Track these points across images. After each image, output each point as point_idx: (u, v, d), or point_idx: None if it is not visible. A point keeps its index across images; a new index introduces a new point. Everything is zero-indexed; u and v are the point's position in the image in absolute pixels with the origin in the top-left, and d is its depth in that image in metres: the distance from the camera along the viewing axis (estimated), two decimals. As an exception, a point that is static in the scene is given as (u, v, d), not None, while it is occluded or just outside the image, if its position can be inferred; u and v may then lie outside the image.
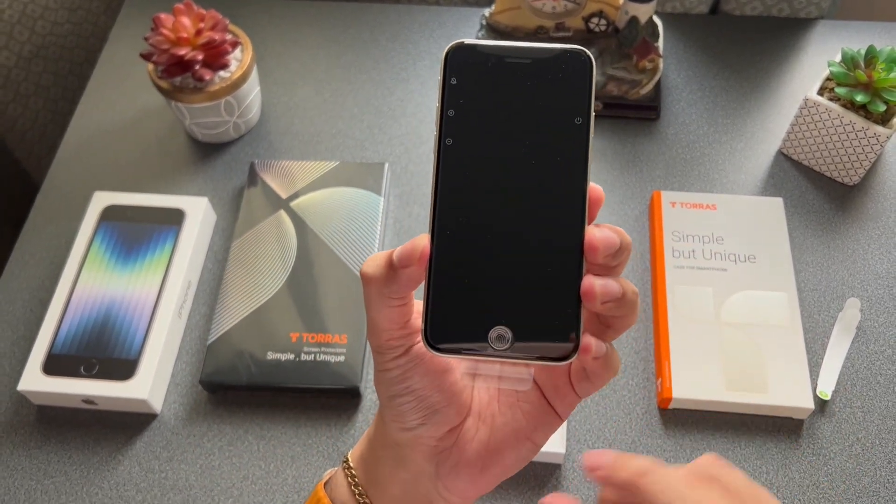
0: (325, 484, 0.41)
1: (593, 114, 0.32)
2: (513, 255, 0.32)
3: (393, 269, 0.32)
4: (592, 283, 0.31)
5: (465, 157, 0.32)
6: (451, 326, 0.32)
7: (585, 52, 0.32)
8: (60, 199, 0.76)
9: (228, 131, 0.77)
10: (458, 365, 0.36)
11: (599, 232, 0.31)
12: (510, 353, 0.31)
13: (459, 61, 0.32)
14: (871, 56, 0.68)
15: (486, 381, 0.34)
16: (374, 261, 0.33)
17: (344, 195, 0.72)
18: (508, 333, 0.31)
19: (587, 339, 0.31)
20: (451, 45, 0.33)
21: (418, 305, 0.35)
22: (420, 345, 0.34)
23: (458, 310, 0.32)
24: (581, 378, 0.34)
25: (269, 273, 0.67)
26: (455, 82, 0.32)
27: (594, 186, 0.32)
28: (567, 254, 0.31)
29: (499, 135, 0.32)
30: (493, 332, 0.31)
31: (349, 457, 0.40)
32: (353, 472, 0.39)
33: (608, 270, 0.32)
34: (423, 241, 0.32)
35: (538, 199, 0.32)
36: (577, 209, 0.31)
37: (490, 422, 0.36)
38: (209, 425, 0.63)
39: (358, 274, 0.67)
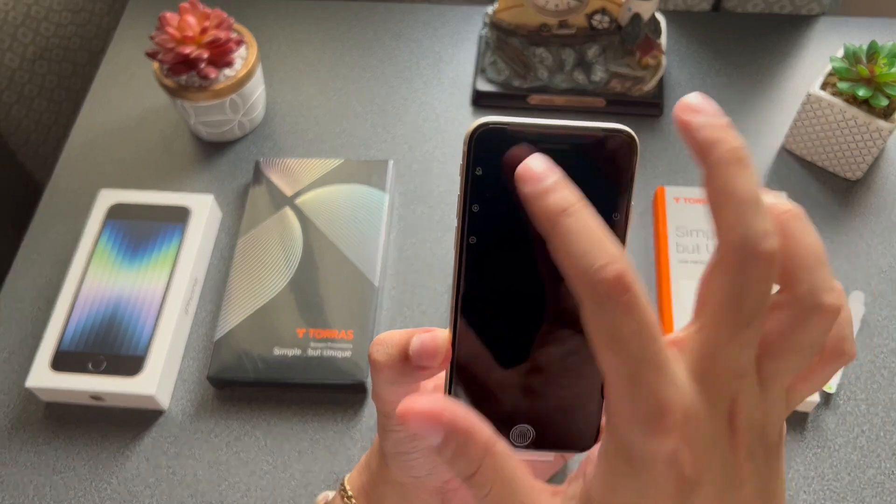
0: None
1: (633, 204, 0.29)
2: (536, 352, 0.30)
3: (408, 363, 0.30)
4: None
5: (490, 257, 0.29)
6: None
7: (631, 135, 0.28)
8: (66, 197, 0.76)
9: (233, 129, 0.78)
10: None
11: None
12: (531, 448, 0.31)
13: (485, 148, 0.28)
14: (873, 51, 0.69)
15: None
16: (385, 347, 0.30)
17: (348, 192, 0.72)
18: (530, 431, 0.31)
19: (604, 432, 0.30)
20: (475, 125, 0.28)
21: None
22: None
23: (480, 409, 0.30)
24: None
25: (275, 270, 0.68)
26: (480, 173, 0.28)
27: None
28: (591, 351, 0.30)
29: (525, 232, 0.29)
30: (515, 430, 0.30)
31: (347, 485, 0.39)
32: (354, 501, 0.39)
33: None
34: (445, 343, 0.29)
35: (563, 300, 0.29)
36: None
37: None
38: (216, 421, 0.63)
39: (363, 271, 0.67)
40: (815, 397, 0.61)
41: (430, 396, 0.26)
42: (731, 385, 0.24)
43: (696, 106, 0.24)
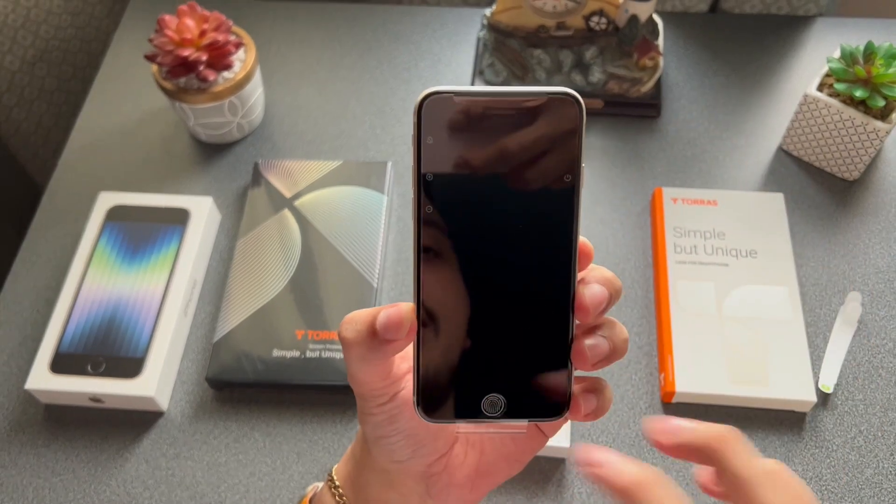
0: (310, 500, 0.41)
1: (583, 167, 0.30)
2: (502, 321, 0.31)
3: (376, 337, 0.31)
4: (583, 348, 0.31)
5: (447, 224, 0.30)
6: (443, 397, 0.31)
7: (574, 97, 0.29)
8: (66, 199, 0.76)
9: (232, 132, 0.78)
10: None
11: (588, 291, 0.30)
12: (503, 417, 0.31)
13: (434, 115, 0.29)
14: (869, 52, 0.69)
15: (482, 433, 0.33)
16: (353, 325, 0.31)
17: (347, 194, 0.72)
18: (501, 400, 0.31)
19: (577, 401, 0.31)
20: (422, 95, 0.29)
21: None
22: (406, 391, 0.34)
23: (450, 380, 0.31)
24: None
25: (274, 271, 0.68)
26: (431, 141, 0.29)
27: (583, 242, 0.31)
28: (557, 317, 0.31)
29: (481, 197, 0.30)
30: (486, 400, 0.31)
31: (335, 474, 0.40)
32: (341, 490, 0.39)
33: (599, 317, 0.32)
34: (409, 314, 0.30)
35: (526, 264, 0.30)
36: (565, 271, 0.30)
37: (479, 447, 0.37)
38: (215, 422, 0.63)
39: (362, 272, 0.67)
40: (813, 397, 0.61)
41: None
42: None
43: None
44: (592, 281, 0.31)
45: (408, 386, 0.34)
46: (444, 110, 0.29)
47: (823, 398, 0.63)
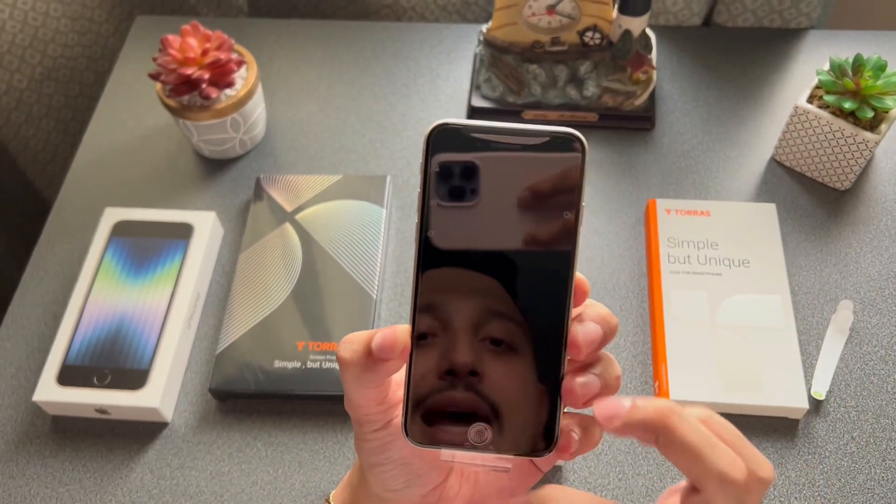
0: None
1: (583, 205, 0.30)
2: (492, 349, 0.31)
3: (371, 357, 0.31)
4: (573, 385, 0.31)
5: (447, 250, 0.31)
6: (430, 421, 0.32)
7: (578, 139, 0.30)
8: (73, 215, 0.78)
9: (234, 147, 0.80)
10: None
11: (582, 329, 0.31)
12: (489, 448, 0.32)
13: (443, 146, 0.30)
14: (858, 64, 0.70)
15: (466, 465, 0.34)
16: (350, 345, 0.32)
17: (347, 207, 0.74)
18: (487, 430, 0.32)
19: (564, 439, 0.32)
20: (433, 126, 0.30)
21: (398, 376, 0.35)
22: (400, 419, 0.34)
23: (438, 405, 0.32)
24: None
25: (276, 284, 0.69)
26: (439, 170, 0.30)
27: (579, 279, 0.31)
28: (549, 353, 0.31)
29: (483, 227, 0.31)
30: (473, 429, 0.32)
31: (332, 500, 0.41)
32: None
33: (592, 355, 0.32)
34: (404, 335, 0.31)
35: (521, 297, 0.31)
36: (560, 307, 0.31)
37: (473, 479, 0.37)
38: (218, 433, 0.65)
39: (361, 284, 0.69)
40: (805, 404, 0.62)
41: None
42: None
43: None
44: (588, 318, 0.31)
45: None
46: (451, 142, 0.30)
47: (816, 405, 0.64)
